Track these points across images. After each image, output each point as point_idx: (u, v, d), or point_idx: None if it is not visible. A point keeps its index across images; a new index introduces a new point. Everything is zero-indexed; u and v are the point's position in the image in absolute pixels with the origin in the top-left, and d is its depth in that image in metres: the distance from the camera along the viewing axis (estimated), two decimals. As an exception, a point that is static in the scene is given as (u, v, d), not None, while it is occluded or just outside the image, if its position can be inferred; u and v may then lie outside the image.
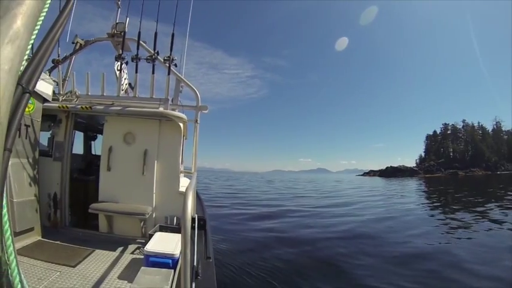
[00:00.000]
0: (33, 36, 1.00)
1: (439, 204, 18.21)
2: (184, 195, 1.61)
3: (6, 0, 0.88)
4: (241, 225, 10.04)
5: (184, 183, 4.48)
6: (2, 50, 0.81)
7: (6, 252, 0.86)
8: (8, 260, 0.87)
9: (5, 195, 0.87)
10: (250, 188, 31.58)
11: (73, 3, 1.28)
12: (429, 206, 16.51)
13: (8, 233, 0.86)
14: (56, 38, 1.19)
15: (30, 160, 3.49)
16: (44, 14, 1.05)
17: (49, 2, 1.07)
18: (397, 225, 10.41)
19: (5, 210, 0.84)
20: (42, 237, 3.50)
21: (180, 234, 3.08)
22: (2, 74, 0.81)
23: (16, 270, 0.89)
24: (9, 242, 0.86)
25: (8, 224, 0.86)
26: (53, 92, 4.21)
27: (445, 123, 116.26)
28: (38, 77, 1.11)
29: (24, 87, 1.00)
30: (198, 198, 5.79)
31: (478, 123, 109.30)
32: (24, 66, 0.98)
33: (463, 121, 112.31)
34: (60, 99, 4.40)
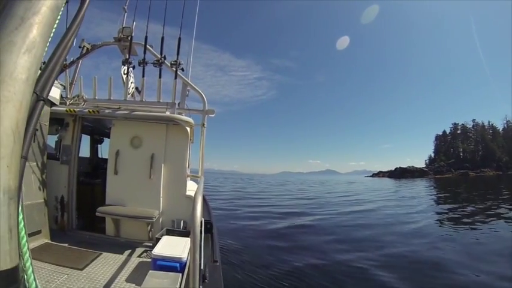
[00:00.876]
0: (47, 44, 1.01)
1: (479, 207, 16.10)
2: (193, 200, 1.61)
3: (22, 11, 0.89)
4: (278, 242, 8.10)
5: (190, 187, 4.48)
6: (19, 59, 0.82)
7: (23, 259, 0.87)
8: (25, 267, 0.88)
9: (20, 201, 0.88)
10: (262, 191, 29.76)
11: (84, 12, 1.29)
12: (469, 212, 14.43)
13: (24, 239, 0.87)
14: (68, 45, 1.20)
15: (39, 163, 3.52)
16: (57, 22, 1.06)
17: (62, 9, 1.09)
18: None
19: (21, 217, 0.85)
20: (49, 240, 3.53)
21: (187, 238, 3.09)
22: (19, 83, 0.82)
23: (32, 277, 0.90)
24: (25, 248, 0.87)
25: (24, 230, 0.87)
26: (61, 96, 4.27)
27: (455, 123, 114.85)
28: (52, 85, 1.12)
29: (38, 95, 1.01)
30: (205, 202, 5.80)
31: (488, 122, 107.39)
32: (38, 74, 0.99)
33: (473, 120, 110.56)
34: (68, 103, 4.44)
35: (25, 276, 0.88)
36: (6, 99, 0.78)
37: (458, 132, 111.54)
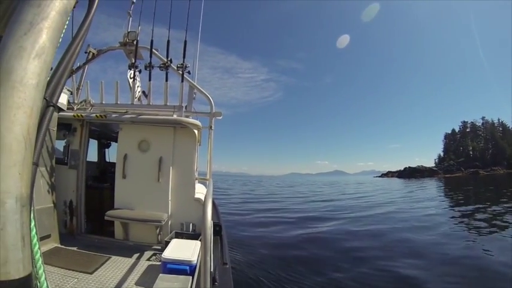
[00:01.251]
0: (56, 50, 1.00)
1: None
2: (203, 203, 1.61)
3: (30, 16, 0.88)
4: (309, 250, 7.14)
5: (199, 189, 4.47)
6: (29, 65, 0.82)
7: (35, 266, 0.86)
8: (37, 274, 0.88)
9: (32, 208, 0.87)
10: (273, 193, 28.84)
11: (92, 17, 1.29)
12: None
13: (37, 246, 0.86)
14: (77, 51, 1.20)
15: (47, 168, 3.56)
16: (65, 26, 1.06)
17: (70, 14, 1.08)
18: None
19: (32, 224, 0.84)
20: (59, 244, 3.55)
21: (196, 241, 3.07)
22: (30, 89, 0.81)
23: (45, 284, 0.89)
24: (37, 256, 0.87)
25: (36, 237, 0.86)
26: (68, 101, 4.30)
27: (464, 121, 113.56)
28: (61, 90, 1.12)
29: (48, 101, 1.00)
30: (213, 204, 5.79)
31: (498, 120, 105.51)
32: (48, 80, 0.99)
33: (483, 118, 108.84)
34: (75, 108, 4.48)
35: (38, 284, 0.87)
36: (17, 106, 0.78)
37: (468, 130, 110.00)
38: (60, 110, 3.95)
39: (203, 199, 3.98)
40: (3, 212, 0.72)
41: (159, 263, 3.00)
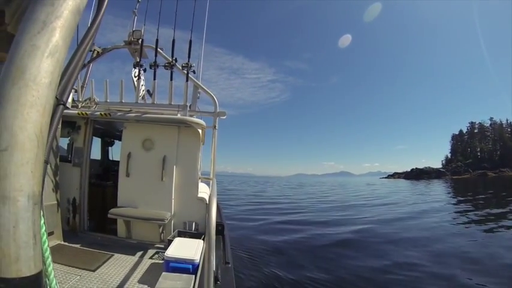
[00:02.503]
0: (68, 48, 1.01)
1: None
2: (208, 202, 1.61)
3: (44, 15, 0.89)
4: None
5: (202, 189, 4.47)
6: (42, 64, 0.82)
7: (45, 264, 0.87)
8: (47, 272, 0.88)
9: (42, 206, 0.88)
10: (285, 195, 27.04)
11: (102, 16, 1.29)
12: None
13: (46, 244, 0.87)
14: (86, 50, 1.21)
15: (52, 166, 3.58)
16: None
17: (81, 13, 1.09)
18: None
19: (42, 222, 0.85)
20: (62, 241, 3.58)
21: (199, 240, 3.08)
22: (43, 88, 0.81)
23: (54, 282, 0.90)
24: (47, 253, 0.87)
25: (45, 235, 0.87)
26: (72, 99, 4.34)
27: (472, 122, 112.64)
28: (71, 89, 1.13)
29: (58, 99, 1.01)
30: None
31: (507, 120, 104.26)
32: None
33: (491, 119, 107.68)
34: (79, 106, 4.50)
35: (47, 281, 0.88)
36: (30, 104, 0.78)
37: (476, 131, 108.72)
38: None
39: (206, 198, 3.99)
40: (15, 209, 0.73)
41: (162, 261, 3.02)
